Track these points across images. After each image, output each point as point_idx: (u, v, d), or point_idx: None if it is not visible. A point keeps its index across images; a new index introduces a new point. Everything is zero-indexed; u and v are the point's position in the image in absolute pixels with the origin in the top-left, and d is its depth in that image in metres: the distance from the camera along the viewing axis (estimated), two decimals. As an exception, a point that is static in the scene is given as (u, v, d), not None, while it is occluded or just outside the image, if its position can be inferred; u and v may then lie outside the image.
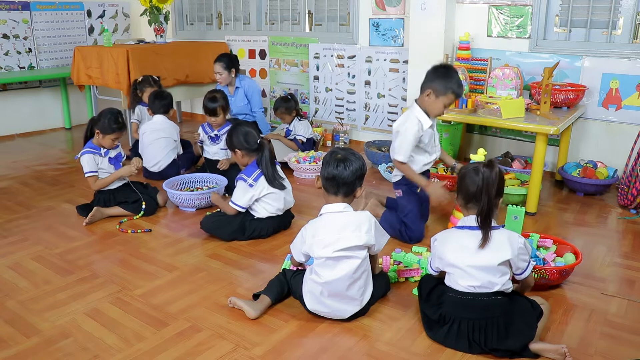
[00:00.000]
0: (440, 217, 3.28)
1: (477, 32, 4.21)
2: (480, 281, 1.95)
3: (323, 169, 2.17)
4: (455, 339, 1.98)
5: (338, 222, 2.11)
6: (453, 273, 2.02)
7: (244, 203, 2.92)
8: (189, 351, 2.00)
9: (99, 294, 2.41)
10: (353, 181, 2.14)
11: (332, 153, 2.17)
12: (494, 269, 1.95)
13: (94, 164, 3.23)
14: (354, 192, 2.18)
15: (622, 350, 1.99)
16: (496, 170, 1.98)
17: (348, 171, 2.11)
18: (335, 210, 2.15)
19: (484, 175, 1.96)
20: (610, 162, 3.81)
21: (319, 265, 2.12)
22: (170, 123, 4.04)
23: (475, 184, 1.98)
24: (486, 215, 1.95)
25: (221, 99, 3.89)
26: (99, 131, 3.22)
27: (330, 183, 2.15)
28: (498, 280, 1.95)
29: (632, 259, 2.74)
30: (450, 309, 2.01)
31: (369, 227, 2.10)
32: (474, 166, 2.03)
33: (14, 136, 5.58)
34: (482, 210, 1.95)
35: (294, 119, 4.52)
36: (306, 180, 4.06)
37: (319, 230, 2.13)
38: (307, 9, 5.34)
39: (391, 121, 4.89)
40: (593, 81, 3.82)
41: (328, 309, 2.14)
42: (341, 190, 2.14)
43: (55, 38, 5.78)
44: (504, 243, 1.96)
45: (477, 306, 1.96)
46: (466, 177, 2.04)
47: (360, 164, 2.16)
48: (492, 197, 1.95)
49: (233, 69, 4.54)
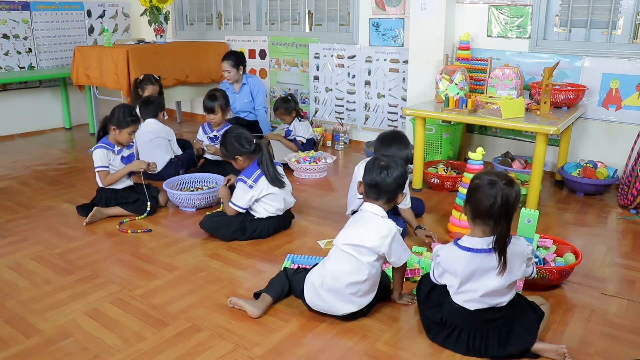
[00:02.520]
0: (440, 217, 3.28)
1: (477, 32, 4.21)
2: (486, 305, 1.92)
3: (366, 175, 2.17)
4: (455, 344, 1.97)
5: (362, 220, 2.15)
6: (457, 295, 1.96)
7: (244, 204, 2.92)
8: (189, 351, 2.00)
9: (99, 294, 2.41)
10: (395, 188, 2.14)
11: (375, 160, 2.18)
12: (507, 287, 1.91)
13: (106, 159, 3.24)
14: (395, 199, 2.19)
15: (622, 350, 1.99)
16: (517, 189, 1.83)
17: (391, 178, 2.12)
18: (370, 210, 2.16)
19: (503, 193, 1.79)
20: (610, 162, 3.80)
21: (330, 254, 2.18)
22: (162, 125, 4.04)
23: (490, 201, 1.81)
24: (505, 238, 1.81)
25: (221, 98, 3.90)
26: (114, 127, 3.23)
27: (372, 190, 2.15)
28: (505, 298, 1.92)
29: (632, 259, 2.74)
30: (450, 315, 1.98)
31: (387, 234, 2.09)
32: (490, 179, 1.84)
33: (14, 136, 5.58)
34: (501, 233, 1.80)
35: (294, 119, 4.51)
36: (306, 180, 4.06)
37: (351, 222, 2.19)
38: (307, 9, 5.34)
39: (391, 121, 4.89)
40: (593, 81, 3.82)
41: (324, 303, 2.15)
42: (383, 196, 2.15)
43: (55, 38, 5.77)
44: (515, 260, 1.88)
45: (479, 320, 1.94)
46: (480, 190, 1.85)
47: (402, 170, 2.16)
48: (511, 219, 1.81)
49: (241, 67, 4.65)
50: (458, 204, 2.96)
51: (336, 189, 3.86)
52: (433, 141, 4.11)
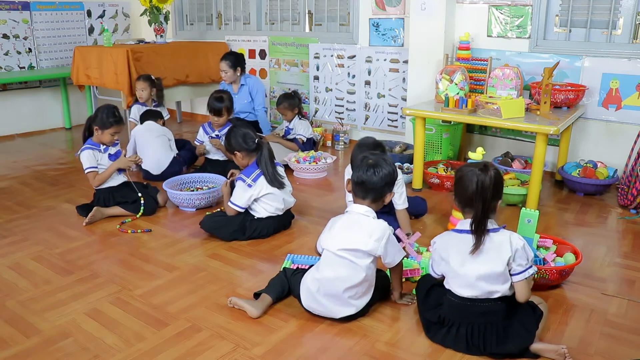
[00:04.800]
0: (440, 217, 3.28)
1: (477, 32, 4.21)
2: (480, 291, 1.93)
3: (353, 173, 2.17)
4: (454, 341, 1.97)
5: (354, 223, 2.13)
6: (453, 280, 1.99)
7: (243, 203, 2.93)
8: (189, 351, 2.00)
9: (99, 294, 2.41)
10: (382, 187, 2.13)
11: (364, 158, 2.18)
12: (498, 276, 1.92)
13: (93, 159, 3.24)
14: (382, 198, 2.17)
15: (622, 350, 1.99)
16: (491, 174, 1.93)
17: (377, 177, 2.11)
18: (358, 211, 2.15)
19: (479, 179, 1.91)
20: (610, 162, 3.80)
21: (323, 260, 2.15)
22: (161, 126, 4.07)
23: (470, 188, 1.93)
24: (480, 220, 1.91)
25: (227, 100, 3.95)
26: (97, 127, 3.23)
27: (359, 188, 2.15)
28: (500, 287, 1.93)
29: (632, 259, 2.74)
30: (449, 312, 2.00)
31: (381, 236, 2.08)
32: (470, 169, 1.97)
33: (14, 136, 5.58)
34: (477, 215, 1.91)
35: (295, 116, 4.51)
36: (306, 180, 4.06)
37: (336, 224, 2.16)
38: (307, 9, 5.34)
39: (391, 121, 4.89)
40: (593, 81, 3.82)
41: (322, 307, 2.14)
42: (369, 195, 2.14)
43: (55, 38, 5.78)
44: (503, 244, 1.92)
45: (476, 312, 1.95)
46: (462, 181, 1.98)
47: (390, 169, 2.15)
48: (487, 201, 1.91)
49: (239, 68, 4.63)
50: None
51: (336, 189, 3.86)
52: (433, 141, 4.11)
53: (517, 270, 1.93)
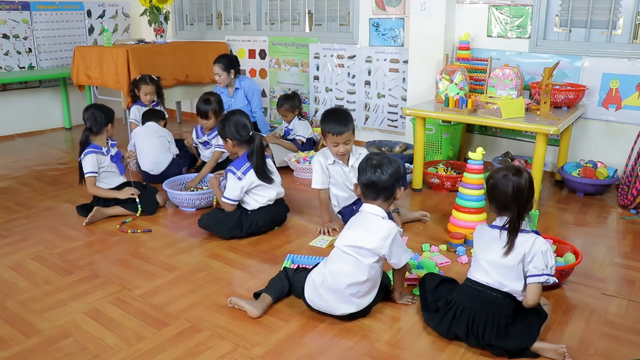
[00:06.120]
0: (440, 217, 3.28)
1: (477, 32, 4.21)
2: (492, 279, 1.98)
3: (360, 176, 2.19)
4: (456, 323, 1.99)
5: (364, 222, 2.15)
6: (474, 266, 2.07)
7: (236, 196, 2.95)
8: (189, 351, 2.00)
9: (99, 294, 2.41)
10: (392, 184, 2.16)
11: (367, 159, 2.20)
12: (511, 269, 1.95)
13: (96, 164, 3.24)
14: (394, 195, 2.20)
15: (622, 350, 1.99)
16: (525, 177, 1.98)
17: (386, 175, 2.13)
18: (369, 210, 2.17)
19: (514, 184, 1.95)
20: (610, 162, 3.80)
21: (331, 255, 2.19)
22: (160, 127, 4.08)
23: (507, 194, 1.96)
24: (516, 221, 1.95)
25: (215, 103, 3.89)
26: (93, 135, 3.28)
27: (369, 190, 2.17)
28: (509, 283, 1.95)
29: (632, 259, 2.74)
30: (459, 296, 2.05)
31: (387, 236, 2.09)
32: (503, 174, 2.00)
33: (14, 136, 5.58)
34: (513, 218, 1.95)
35: (294, 117, 4.51)
36: (306, 180, 4.05)
37: (351, 223, 2.20)
38: (307, 9, 5.34)
39: (391, 121, 4.89)
40: (593, 81, 3.82)
41: (323, 302, 2.15)
42: (381, 195, 2.16)
43: (55, 38, 5.78)
44: (525, 243, 1.95)
45: (485, 299, 1.98)
46: (496, 187, 2.00)
47: (396, 166, 2.17)
48: (522, 204, 1.96)
49: (232, 70, 4.56)
50: (458, 204, 2.96)
51: (336, 189, 3.85)
52: (433, 141, 4.11)
53: (533, 273, 1.94)
